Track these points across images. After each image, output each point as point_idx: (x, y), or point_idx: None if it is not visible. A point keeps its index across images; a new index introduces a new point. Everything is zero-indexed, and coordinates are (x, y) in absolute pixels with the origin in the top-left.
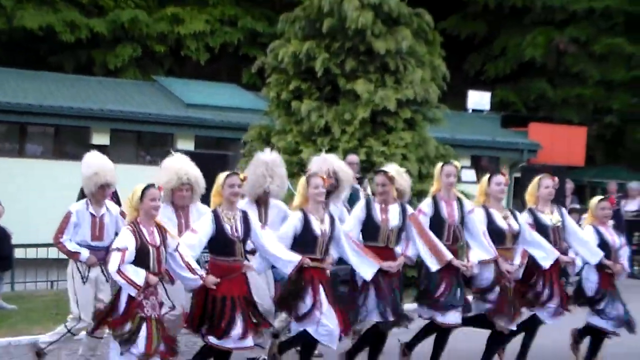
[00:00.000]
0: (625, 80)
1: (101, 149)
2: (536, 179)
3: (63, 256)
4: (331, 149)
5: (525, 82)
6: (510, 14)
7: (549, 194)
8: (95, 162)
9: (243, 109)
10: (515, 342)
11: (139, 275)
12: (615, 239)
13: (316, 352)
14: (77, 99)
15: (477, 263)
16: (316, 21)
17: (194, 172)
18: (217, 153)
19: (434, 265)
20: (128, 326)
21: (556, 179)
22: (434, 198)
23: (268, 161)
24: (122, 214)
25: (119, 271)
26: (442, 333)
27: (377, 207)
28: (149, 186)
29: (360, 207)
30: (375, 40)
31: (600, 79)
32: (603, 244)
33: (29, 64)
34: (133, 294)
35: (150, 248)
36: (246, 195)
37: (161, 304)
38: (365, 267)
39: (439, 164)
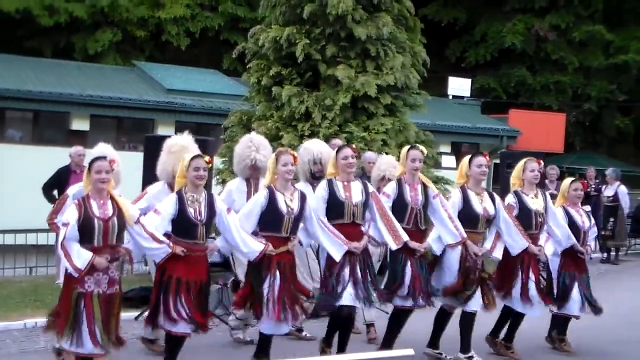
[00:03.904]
0: (604, 67)
1: (81, 134)
2: (522, 162)
3: (42, 242)
4: (312, 135)
5: (505, 68)
6: (491, 1)
7: (535, 177)
8: (257, 139)
9: (224, 94)
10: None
11: (81, 257)
12: (584, 219)
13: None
14: (56, 84)
15: (439, 244)
16: (297, 6)
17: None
18: (197, 138)
19: (393, 245)
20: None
21: (542, 162)
22: (399, 181)
23: (251, 136)
24: None
25: (62, 246)
26: (397, 314)
27: (339, 185)
28: (96, 159)
29: (322, 186)
30: (356, 26)
31: (579, 65)
32: (572, 225)
33: (7, 48)
34: (75, 275)
35: (96, 221)
36: (236, 173)
37: (112, 282)
38: (336, 248)
39: (405, 148)
